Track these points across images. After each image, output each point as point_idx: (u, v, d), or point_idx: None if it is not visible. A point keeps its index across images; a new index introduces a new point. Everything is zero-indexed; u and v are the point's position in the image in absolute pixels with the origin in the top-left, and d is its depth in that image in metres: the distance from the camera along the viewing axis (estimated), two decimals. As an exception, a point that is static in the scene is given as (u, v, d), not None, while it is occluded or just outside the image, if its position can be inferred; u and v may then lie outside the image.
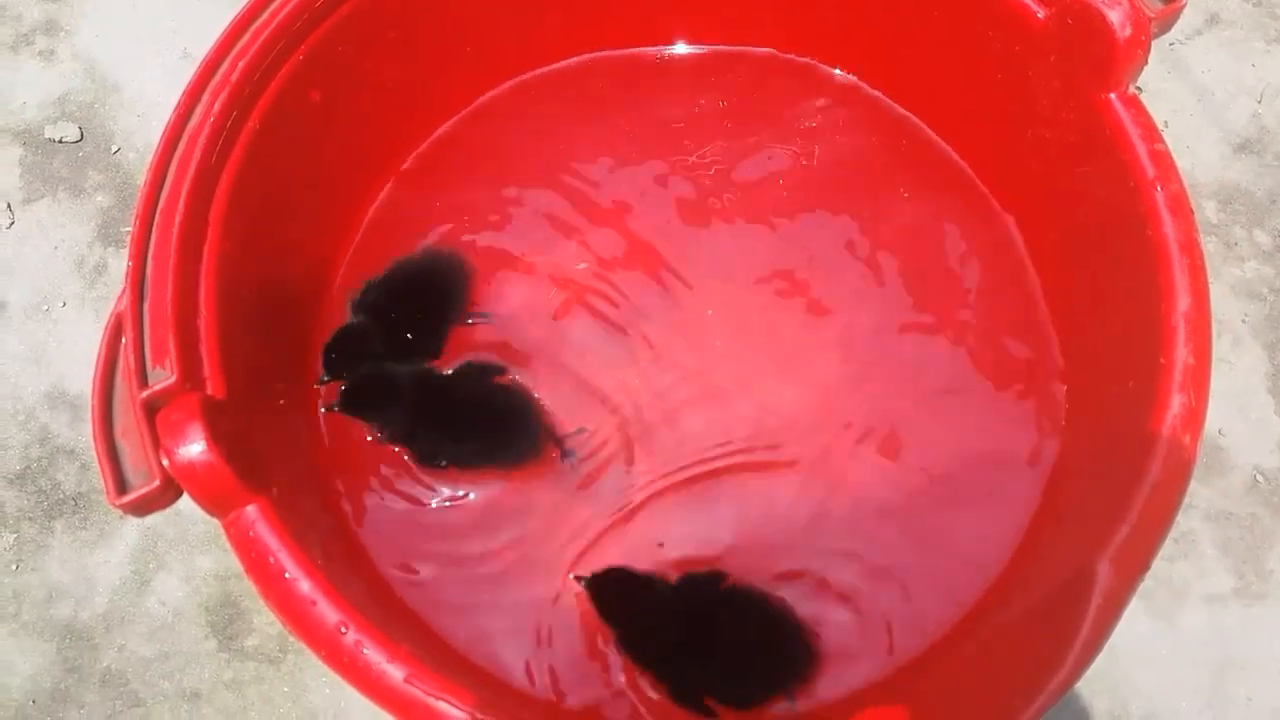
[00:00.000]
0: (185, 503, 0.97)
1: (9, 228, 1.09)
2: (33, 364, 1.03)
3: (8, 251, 1.08)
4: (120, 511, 0.57)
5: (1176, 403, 0.61)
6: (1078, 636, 0.56)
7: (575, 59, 1.02)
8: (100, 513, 0.98)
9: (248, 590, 0.95)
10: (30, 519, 0.98)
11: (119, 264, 1.07)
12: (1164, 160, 0.68)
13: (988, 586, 0.77)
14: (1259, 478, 0.95)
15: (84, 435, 1.01)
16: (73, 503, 0.99)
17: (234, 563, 0.95)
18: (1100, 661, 0.88)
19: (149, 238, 0.60)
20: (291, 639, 0.93)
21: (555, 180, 0.98)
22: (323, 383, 0.87)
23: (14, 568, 0.96)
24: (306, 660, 0.93)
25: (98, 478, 0.98)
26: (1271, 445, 0.97)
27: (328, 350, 0.86)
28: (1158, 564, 0.92)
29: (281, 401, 0.78)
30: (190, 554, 0.96)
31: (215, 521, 0.94)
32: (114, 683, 0.92)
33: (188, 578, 0.96)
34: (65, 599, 0.95)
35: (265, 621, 0.94)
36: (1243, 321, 1.01)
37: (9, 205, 1.10)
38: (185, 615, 0.95)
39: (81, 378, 1.03)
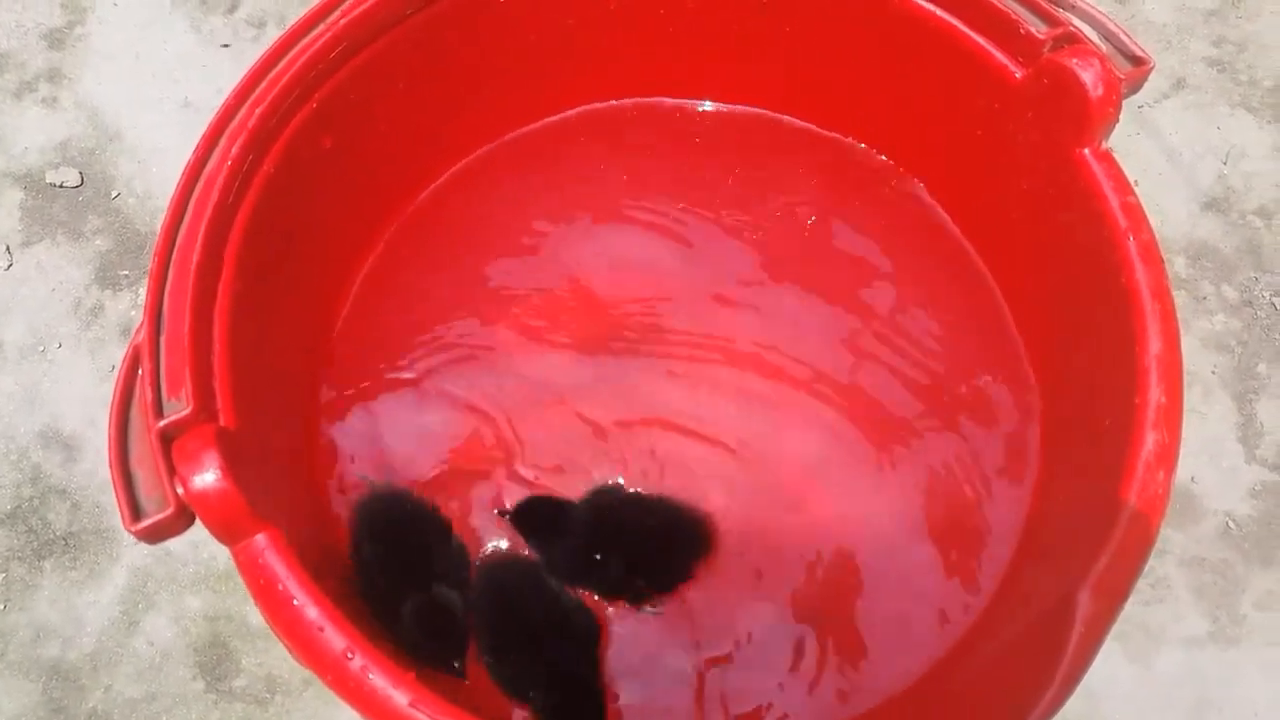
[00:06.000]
0: (175, 543, 0.98)
1: (7, 269, 1.10)
2: (26, 404, 1.04)
3: (5, 292, 1.09)
4: (134, 538, 0.58)
5: (1151, 439, 0.63)
6: (1061, 663, 0.58)
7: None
8: (90, 553, 0.98)
9: (236, 631, 0.95)
10: (20, 558, 0.98)
11: (115, 307, 1.08)
12: (1135, 212, 0.72)
13: (971, 622, 0.79)
14: (1231, 524, 0.98)
15: (76, 475, 1.01)
16: (63, 542, 0.99)
17: (223, 603, 0.96)
18: (1080, 704, 0.91)
19: (166, 273, 0.62)
20: (279, 681, 0.93)
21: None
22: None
23: (2, 607, 0.96)
24: (294, 702, 0.93)
25: (89, 517, 0.99)
26: (1242, 493, 0.99)
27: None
28: (1135, 608, 0.95)
29: (284, 436, 0.79)
30: (180, 594, 0.97)
31: (205, 562, 0.97)
32: (100, 724, 0.92)
33: (176, 618, 0.96)
34: (53, 639, 0.95)
35: (253, 663, 0.94)
36: (1212, 373, 1.04)
37: (8, 247, 1.11)
38: (173, 656, 0.95)
39: (75, 418, 1.04)
